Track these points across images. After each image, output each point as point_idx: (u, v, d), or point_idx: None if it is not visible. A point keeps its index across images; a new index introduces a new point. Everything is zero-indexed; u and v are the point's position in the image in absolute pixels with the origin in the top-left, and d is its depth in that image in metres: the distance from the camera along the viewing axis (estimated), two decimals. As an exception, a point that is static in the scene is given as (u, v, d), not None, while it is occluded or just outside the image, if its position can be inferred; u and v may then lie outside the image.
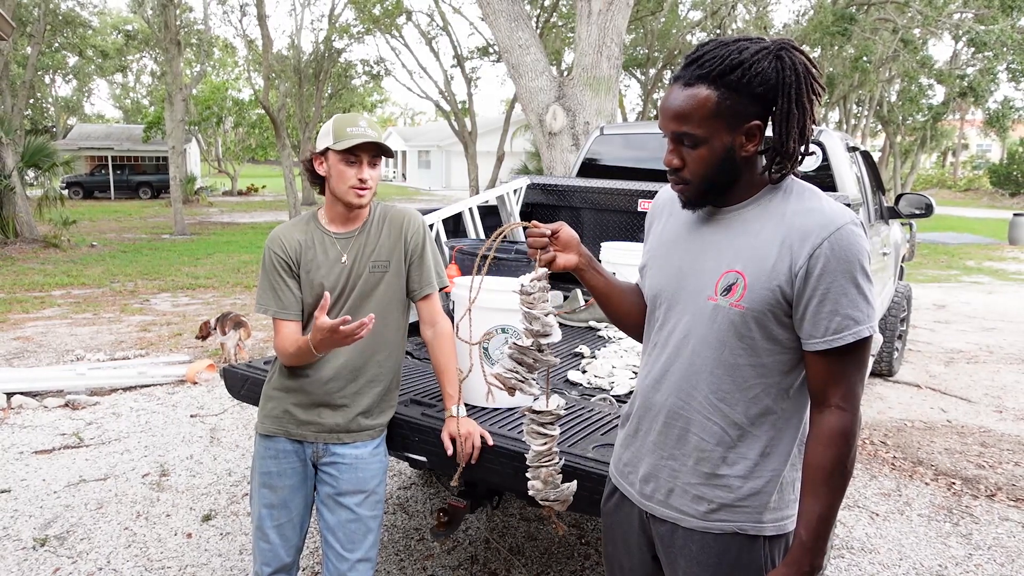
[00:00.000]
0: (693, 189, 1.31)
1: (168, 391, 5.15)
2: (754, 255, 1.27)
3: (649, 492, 1.42)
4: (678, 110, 1.26)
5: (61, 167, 14.50)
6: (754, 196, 1.32)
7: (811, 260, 1.22)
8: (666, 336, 1.39)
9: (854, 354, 1.24)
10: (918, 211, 4.96)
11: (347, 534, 2.03)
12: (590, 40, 6.51)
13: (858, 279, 1.22)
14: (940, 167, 40.90)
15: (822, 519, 1.25)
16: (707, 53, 1.25)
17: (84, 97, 41.35)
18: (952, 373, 5.95)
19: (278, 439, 2.04)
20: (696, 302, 1.33)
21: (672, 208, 1.46)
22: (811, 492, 1.26)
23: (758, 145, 1.28)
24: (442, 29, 21.10)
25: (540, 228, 1.48)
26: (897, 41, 16.50)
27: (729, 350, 1.30)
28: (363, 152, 1.92)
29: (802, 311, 1.24)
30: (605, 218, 4.31)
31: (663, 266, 1.42)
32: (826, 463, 1.24)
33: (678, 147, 1.30)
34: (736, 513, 1.33)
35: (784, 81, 1.23)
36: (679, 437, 1.37)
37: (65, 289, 9.14)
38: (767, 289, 1.25)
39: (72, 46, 25.82)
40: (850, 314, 1.21)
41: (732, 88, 1.22)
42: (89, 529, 3.21)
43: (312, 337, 1.83)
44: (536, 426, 1.58)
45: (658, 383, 1.40)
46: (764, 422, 1.32)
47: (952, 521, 3.43)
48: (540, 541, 3.14)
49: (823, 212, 1.25)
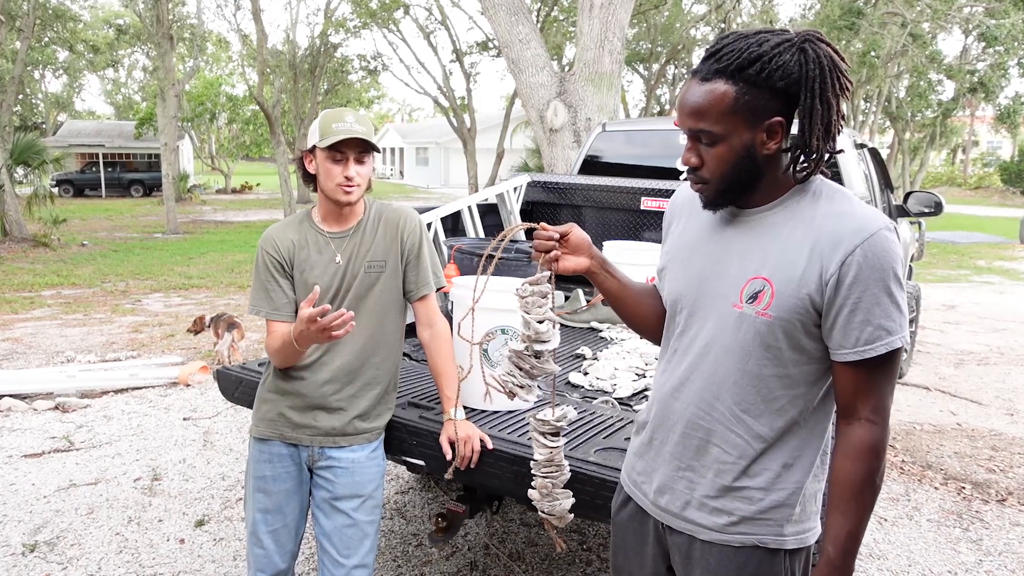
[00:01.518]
0: (712, 189, 1.28)
1: (160, 393, 5.14)
2: (782, 261, 1.24)
3: (664, 504, 1.39)
4: (695, 106, 1.23)
5: (51, 164, 14.48)
6: (780, 198, 1.28)
7: (843, 268, 1.18)
8: (687, 343, 1.36)
9: (885, 365, 1.21)
10: (927, 209, 4.96)
11: (343, 540, 2.02)
12: (592, 34, 6.51)
13: (891, 287, 1.19)
14: (950, 164, 40.91)
15: (851, 536, 1.23)
16: (726, 46, 1.22)
17: (75, 93, 41.36)
18: (962, 375, 5.95)
19: (273, 443, 2.04)
20: (719, 309, 1.30)
21: (692, 207, 1.42)
22: (839, 508, 1.23)
23: (780, 143, 1.24)
24: (440, 23, 21.13)
25: (548, 231, 1.45)
26: (906, 35, 16.51)
27: (754, 360, 1.27)
28: (348, 148, 1.91)
29: (832, 320, 1.21)
30: (607, 216, 4.31)
31: (683, 269, 1.39)
32: (855, 478, 1.22)
33: (696, 145, 1.27)
34: (757, 526, 1.31)
35: (807, 75, 1.19)
36: (698, 448, 1.34)
37: (55, 289, 9.14)
38: (796, 297, 1.22)
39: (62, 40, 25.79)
40: (882, 324, 1.19)
41: (751, 83, 1.19)
42: (79, 535, 3.21)
43: (293, 329, 1.82)
44: (537, 434, 1.57)
45: (677, 391, 1.37)
46: (788, 433, 1.29)
47: (962, 526, 3.43)
48: (541, 547, 3.14)
49: (855, 217, 1.21)
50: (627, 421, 2.21)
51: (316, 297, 1.73)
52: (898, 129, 25.31)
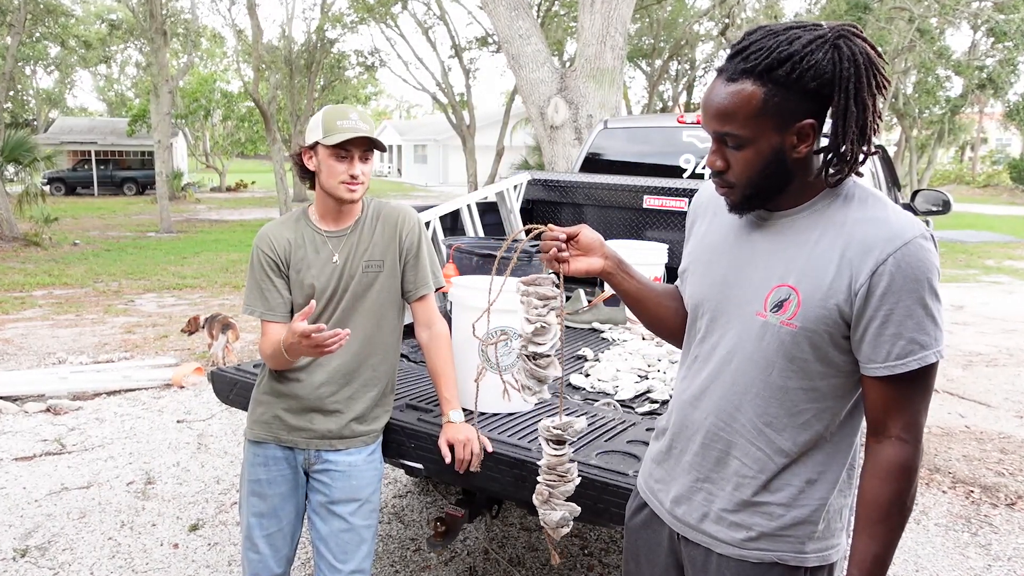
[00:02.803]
0: (739, 193, 1.24)
1: (154, 395, 5.14)
2: (809, 268, 1.19)
3: (680, 515, 1.37)
4: (720, 108, 1.18)
5: (42, 162, 14.48)
6: (810, 201, 1.24)
7: (874, 277, 1.13)
8: (708, 350, 1.33)
9: (919, 381, 1.16)
10: (935, 208, 4.95)
11: (340, 544, 2.02)
12: (593, 30, 6.51)
13: (926, 299, 1.13)
14: (958, 162, 40.91)
15: (878, 561, 1.19)
16: (753, 44, 1.16)
17: (66, 89, 41.37)
18: (970, 376, 5.95)
19: (268, 445, 2.04)
20: (742, 317, 1.26)
21: (717, 207, 1.37)
22: (866, 531, 1.19)
23: (812, 145, 1.19)
24: (439, 18, 21.14)
25: (555, 232, 1.42)
26: (913, 31, 16.51)
27: (778, 371, 1.23)
28: (354, 146, 1.92)
29: (861, 333, 1.17)
30: (609, 215, 4.31)
31: (706, 273, 1.35)
32: (884, 500, 1.18)
33: (721, 147, 1.22)
34: (777, 542, 1.27)
35: (841, 74, 1.14)
36: (718, 460, 1.31)
37: (46, 289, 9.15)
38: (823, 308, 1.17)
39: (54, 36, 25.79)
40: (916, 338, 1.13)
41: (781, 84, 1.14)
42: (71, 539, 3.21)
43: (284, 339, 1.81)
44: (543, 440, 1.57)
45: (697, 400, 1.34)
46: (813, 448, 1.25)
47: (970, 531, 3.43)
48: (541, 552, 3.14)
49: (888, 223, 1.15)
50: (629, 424, 2.21)
51: (311, 311, 1.72)
52: (905, 126, 25.31)
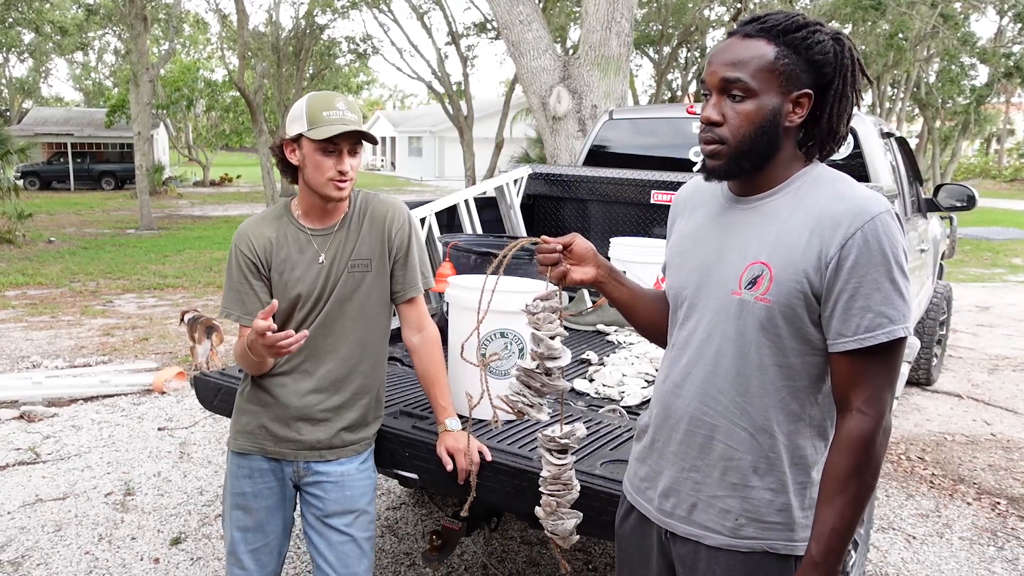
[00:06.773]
0: (728, 151, 1.32)
1: (133, 401, 5.14)
2: (780, 244, 1.29)
3: (669, 508, 1.42)
4: (734, 56, 1.29)
5: (15, 155, 14.50)
6: (783, 183, 1.34)
7: (843, 250, 1.23)
8: (687, 335, 1.40)
9: (885, 355, 1.25)
10: (959, 203, 4.96)
11: (340, 556, 2.02)
12: (598, 15, 6.51)
13: (893, 274, 1.23)
14: (983, 155, 40.93)
15: (836, 533, 1.25)
16: (771, 14, 1.32)
17: (41, 78, 41.39)
18: (997, 382, 5.95)
19: (253, 457, 2.03)
20: (719, 297, 1.35)
21: (696, 202, 1.49)
22: (825, 502, 1.26)
23: (802, 117, 1.31)
24: (435, 3, 21.13)
25: (550, 243, 1.49)
26: (936, 16, 16.52)
27: (755, 348, 1.31)
28: (342, 140, 1.87)
29: (832, 306, 1.25)
30: (614, 211, 4.31)
31: (684, 262, 1.44)
32: (842, 471, 1.25)
33: (722, 100, 1.31)
34: (766, 530, 1.34)
35: (843, 63, 1.30)
36: (703, 445, 1.37)
37: (20, 289, 9.15)
38: (795, 282, 1.26)
39: (28, 21, 25.79)
40: (883, 311, 1.22)
41: (793, 47, 1.28)
42: (46, 553, 3.21)
43: (248, 337, 1.81)
44: (545, 451, 1.58)
45: (679, 387, 1.40)
46: (795, 430, 1.33)
47: (996, 544, 3.43)
48: (543, 567, 3.14)
49: (856, 199, 1.26)
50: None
51: (274, 309, 1.71)
52: (928, 117, 25.32)
